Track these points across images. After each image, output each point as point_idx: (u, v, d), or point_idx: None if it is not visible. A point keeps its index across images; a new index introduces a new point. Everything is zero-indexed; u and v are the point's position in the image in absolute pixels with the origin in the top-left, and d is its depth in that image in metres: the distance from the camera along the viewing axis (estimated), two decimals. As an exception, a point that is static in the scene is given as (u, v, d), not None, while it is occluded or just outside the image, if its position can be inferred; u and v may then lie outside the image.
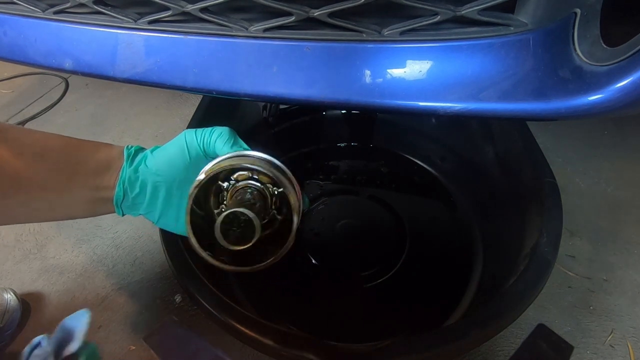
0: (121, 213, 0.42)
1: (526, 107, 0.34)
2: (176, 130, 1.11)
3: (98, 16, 0.46)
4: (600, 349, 0.62)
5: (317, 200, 0.81)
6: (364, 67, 0.37)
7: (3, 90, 1.37)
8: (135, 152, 0.42)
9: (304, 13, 0.37)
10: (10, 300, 0.69)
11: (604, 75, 0.30)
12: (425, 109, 0.37)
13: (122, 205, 0.41)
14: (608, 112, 0.32)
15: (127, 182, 0.40)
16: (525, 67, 0.34)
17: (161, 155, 0.41)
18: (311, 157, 0.90)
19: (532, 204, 0.54)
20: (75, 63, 0.48)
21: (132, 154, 0.42)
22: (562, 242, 0.46)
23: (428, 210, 0.80)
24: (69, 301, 0.72)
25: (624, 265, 0.72)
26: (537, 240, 0.46)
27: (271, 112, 0.82)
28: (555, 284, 0.69)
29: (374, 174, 0.87)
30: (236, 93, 0.42)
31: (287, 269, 0.70)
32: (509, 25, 0.34)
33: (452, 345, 0.38)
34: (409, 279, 0.68)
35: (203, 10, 0.40)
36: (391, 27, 0.36)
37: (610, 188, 0.86)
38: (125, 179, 0.40)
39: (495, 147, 0.70)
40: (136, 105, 1.23)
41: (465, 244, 0.72)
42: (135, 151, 0.42)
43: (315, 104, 0.40)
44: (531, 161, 0.56)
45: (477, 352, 0.61)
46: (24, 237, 0.85)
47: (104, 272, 0.77)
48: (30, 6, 0.48)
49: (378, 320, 0.63)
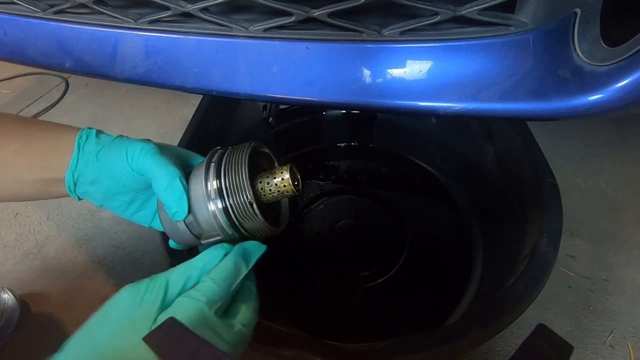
0: (77, 198, 0.40)
1: (526, 107, 0.34)
2: (176, 130, 1.11)
3: (98, 16, 0.46)
4: (600, 349, 0.62)
5: (317, 200, 0.81)
6: (364, 67, 0.37)
7: (3, 90, 1.37)
8: (87, 139, 0.39)
9: (304, 13, 0.37)
10: (8, 300, 0.69)
11: (604, 75, 0.30)
12: (425, 109, 0.37)
13: (76, 192, 0.39)
14: (608, 112, 0.32)
15: (75, 174, 0.38)
16: (525, 67, 0.34)
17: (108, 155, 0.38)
18: (311, 157, 0.90)
19: (532, 204, 0.54)
20: (75, 63, 0.48)
21: (83, 143, 0.38)
22: (562, 242, 0.46)
23: (428, 210, 0.80)
24: (69, 301, 0.72)
25: (624, 265, 0.72)
26: (537, 240, 0.46)
27: (271, 112, 0.82)
28: (555, 284, 0.69)
29: (374, 174, 0.87)
30: (236, 93, 0.42)
31: (287, 269, 0.70)
32: (509, 25, 0.34)
33: (452, 345, 0.38)
34: (409, 279, 0.68)
35: (203, 10, 0.40)
36: (391, 27, 0.36)
37: (610, 188, 0.86)
38: (74, 170, 0.38)
39: (495, 147, 0.70)
40: (136, 105, 1.23)
41: (465, 244, 0.72)
42: (87, 138, 0.39)
43: (315, 104, 0.40)
44: (531, 161, 0.56)
45: (477, 352, 0.61)
46: (24, 237, 0.85)
47: (104, 272, 0.77)
48: (30, 6, 0.48)
49: (378, 320, 0.63)
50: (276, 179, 0.35)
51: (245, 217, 0.34)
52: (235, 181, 0.33)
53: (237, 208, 0.33)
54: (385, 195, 0.81)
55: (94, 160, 0.37)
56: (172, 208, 0.35)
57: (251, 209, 0.33)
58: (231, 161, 0.35)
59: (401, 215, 0.77)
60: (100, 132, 0.40)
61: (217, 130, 0.73)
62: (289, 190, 0.35)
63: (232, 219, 0.34)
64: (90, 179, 0.38)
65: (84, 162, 0.38)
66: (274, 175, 0.35)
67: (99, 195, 0.39)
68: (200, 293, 0.30)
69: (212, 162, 0.35)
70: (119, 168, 0.36)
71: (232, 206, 0.33)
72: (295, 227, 0.76)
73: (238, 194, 0.33)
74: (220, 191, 0.34)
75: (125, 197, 0.39)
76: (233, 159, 0.35)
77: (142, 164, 0.35)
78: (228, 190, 0.33)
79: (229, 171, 0.34)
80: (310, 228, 0.76)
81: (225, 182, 0.34)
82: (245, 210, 0.33)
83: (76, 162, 0.38)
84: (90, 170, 0.38)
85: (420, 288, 0.67)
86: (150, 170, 0.35)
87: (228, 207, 0.33)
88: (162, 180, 0.34)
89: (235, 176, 0.34)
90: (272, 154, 0.40)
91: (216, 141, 0.73)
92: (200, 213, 0.34)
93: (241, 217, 0.34)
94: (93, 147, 0.38)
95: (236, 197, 0.33)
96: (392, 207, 0.78)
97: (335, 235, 0.74)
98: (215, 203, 0.34)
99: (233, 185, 0.33)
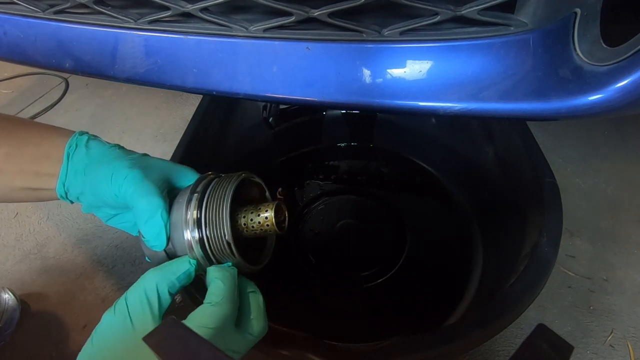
0: (70, 202, 0.39)
1: (526, 107, 0.34)
2: (176, 130, 1.11)
3: (98, 16, 0.46)
4: (600, 349, 0.62)
5: (317, 200, 0.81)
6: (364, 67, 0.37)
7: (3, 90, 1.37)
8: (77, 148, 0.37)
9: (304, 13, 0.37)
10: (9, 300, 0.69)
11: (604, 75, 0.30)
12: (425, 109, 0.37)
13: (68, 198, 0.39)
14: (608, 112, 0.32)
15: (66, 184, 0.37)
16: (525, 67, 0.34)
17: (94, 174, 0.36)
18: (311, 157, 0.90)
19: (532, 204, 0.54)
20: (75, 63, 0.48)
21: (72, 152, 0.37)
22: (562, 242, 0.46)
23: (428, 210, 0.80)
24: (69, 301, 0.72)
25: (624, 265, 0.72)
26: (537, 240, 0.46)
27: (271, 112, 0.82)
28: (555, 284, 0.69)
29: (374, 174, 0.87)
30: (236, 93, 0.42)
31: (287, 269, 0.70)
32: (509, 25, 0.34)
33: (452, 345, 0.38)
34: (409, 279, 0.68)
35: (203, 10, 0.40)
36: (391, 27, 0.36)
37: (610, 188, 0.86)
38: (64, 180, 0.37)
39: (495, 147, 0.70)
40: (136, 105, 1.23)
41: (465, 244, 0.72)
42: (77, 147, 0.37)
43: (315, 104, 0.40)
44: (531, 161, 0.56)
45: (477, 352, 0.61)
46: (24, 237, 0.85)
47: (104, 272, 0.77)
48: (30, 6, 0.48)
49: (378, 320, 0.63)
50: (260, 216, 0.34)
51: (222, 252, 0.33)
52: (215, 215, 0.32)
53: (213, 242, 0.32)
54: (385, 195, 0.81)
55: (82, 173, 0.37)
56: (150, 241, 0.35)
57: (227, 248, 0.32)
58: (215, 193, 0.33)
59: (401, 215, 0.77)
60: (93, 138, 0.39)
61: (217, 131, 0.73)
62: (271, 229, 0.34)
63: (207, 252, 0.33)
64: (79, 190, 0.37)
65: (73, 173, 0.37)
66: (258, 211, 0.34)
67: (85, 203, 0.38)
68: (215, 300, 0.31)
69: (197, 192, 0.34)
70: (103, 190, 0.35)
71: (208, 239, 0.32)
72: (295, 227, 0.76)
73: (216, 228, 0.32)
74: (199, 222, 0.32)
75: (111, 210, 0.39)
76: (218, 191, 0.33)
77: (125, 193, 0.34)
78: (207, 222, 0.32)
79: (210, 203, 0.33)
80: (310, 228, 0.76)
81: (206, 214, 0.32)
82: (221, 246, 0.32)
83: (66, 172, 0.37)
84: (79, 182, 0.37)
85: (420, 288, 0.67)
86: (132, 200, 0.34)
87: (204, 239, 0.32)
88: (143, 212, 0.34)
89: (215, 210, 0.32)
90: (264, 186, 0.39)
91: (216, 141, 0.73)
92: (178, 241, 0.33)
93: (217, 251, 0.33)
94: (82, 158, 0.37)
95: (214, 231, 0.32)
96: (392, 207, 0.78)
97: (335, 235, 0.74)
98: (193, 234, 0.32)
99: (212, 218, 0.32)
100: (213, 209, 0.32)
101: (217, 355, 0.21)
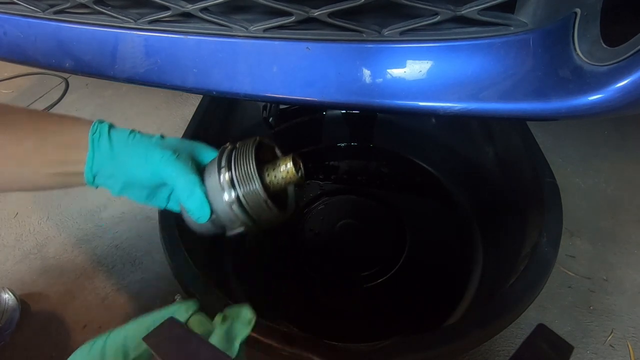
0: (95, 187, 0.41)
1: (526, 107, 0.34)
2: (176, 130, 1.11)
3: (98, 16, 0.46)
4: (600, 349, 0.62)
5: (317, 200, 0.81)
6: (364, 67, 0.37)
7: (3, 90, 1.37)
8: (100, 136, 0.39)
9: (304, 13, 0.37)
10: (9, 300, 0.69)
11: (604, 75, 0.30)
12: (425, 109, 0.37)
13: (94, 183, 0.40)
14: (608, 112, 0.32)
15: (94, 169, 0.39)
16: (525, 67, 0.34)
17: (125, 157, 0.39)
18: (311, 157, 0.90)
19: (532, 204, 0.54)
20: (75, 63, 0.48)
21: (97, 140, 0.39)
22: (562, 242, 0.46)
23: (428, 210, 0.80)
24: (68, 301, 0.72)
25: (624, 265, 0.72)
26: (537, 240, 0.46)
27: (271, 112, 0.82)
28: (555, 284, 0.69)
29: (374, 174, 0.87)
30: (236, 93, 0.42)
31: (287, 269, 0.70)
32: (509, 25, 0.34)
33: (452, 345, 0.38)
34: (409, 279, 0.68)
35: (203, 10, 0.40)
36: (391, 27, 0.36)
37: (610, 188, 0.86)
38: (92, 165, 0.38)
39: (495, 147, 0.70)
40: (136, 105, 1.23)
41: (465, 244, 0.72)
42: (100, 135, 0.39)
43: (315, 104, 0.40)
44: (531, 161, 0.56)
45: (477, 352, 0.61)
46: (24, 237, 0.85)
47: (104, 272, 0.77)
48: (30, 6, 0.48)
49: (378, 320, 0.63)
50: (281, 169, 0.39)
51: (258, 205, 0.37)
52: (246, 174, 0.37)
53: (249, 197, 0.37)
54: (385, 195, 0.81)
55: (110, 158, 0.39)
56: (196, 214, 0.38)
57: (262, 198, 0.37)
58: (240, 156, 0.38)
59: (401, 215, 0.77)
60: (112, 126, 0.41)
61: (217, 131, 0.73)
62: (293, 178, 0.38)
63: (245, 209, 0.37)
64: (107, 174, 0.39)
65: (100, 159, 0.39)
66: (278, 166, 0.39)
67: (116, 186, 0.40)
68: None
69: (223, 159, 0.39)
70: (137, 172, 0.38)
71: (244, 196, 0.37)
72: (295, 227, 0.76)
73: (248, 185, 0.37)
74: (233, 183, 0.37)
75: (144, 190, 0.41)
76: (241, 154, 0.38)
77: (163, 172, 0.37)
78: (240, 182, 0.37)
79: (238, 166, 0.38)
80: (310, 228, 0.76)
81: (237, 175, 0.37)
82: (256, 200, 0.37)
83: (92, 159, 0.39)
84: (108, 167, 0.39)
85: (420, 288, 0.67)
86: (171, 179, 0.37)
87: (241, 197, 0.37)
88: (184, 189, 0.37)
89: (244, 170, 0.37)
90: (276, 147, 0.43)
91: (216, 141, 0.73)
92: (218, 207, 0.38)
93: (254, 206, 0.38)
94: (107, 145, 0.39)
95: (248, 188, 0.37)
96: (392, 207, 0.78)
97: (335, 235, 0.74)
98: (230, 195, 0.37)
99: (243, 177, 0.37)
100: (242, 170, 0.37)
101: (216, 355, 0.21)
